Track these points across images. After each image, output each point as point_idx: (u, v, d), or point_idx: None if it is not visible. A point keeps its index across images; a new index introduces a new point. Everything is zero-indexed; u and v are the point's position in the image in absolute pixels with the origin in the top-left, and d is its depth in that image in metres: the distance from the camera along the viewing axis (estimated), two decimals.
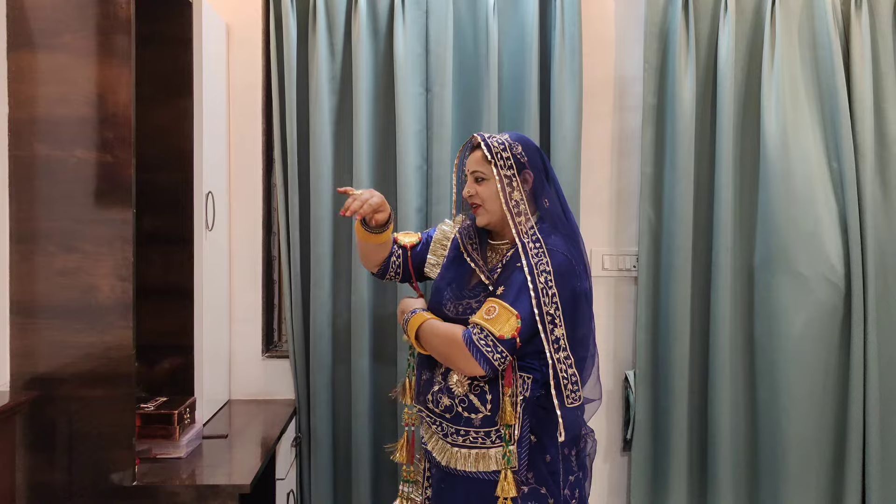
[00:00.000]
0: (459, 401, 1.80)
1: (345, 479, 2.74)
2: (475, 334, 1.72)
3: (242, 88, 2.75)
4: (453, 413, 1.81)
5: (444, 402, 1.82)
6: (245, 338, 2.79)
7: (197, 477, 2.03)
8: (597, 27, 2.77)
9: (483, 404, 1.78)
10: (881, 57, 2.65)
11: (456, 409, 1.81)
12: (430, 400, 1.86)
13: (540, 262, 1.75)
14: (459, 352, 1.73)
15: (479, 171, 1.88)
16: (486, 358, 1.70)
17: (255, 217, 2.78)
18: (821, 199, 2.61)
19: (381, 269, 2.06)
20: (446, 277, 1.95)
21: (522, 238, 1.79)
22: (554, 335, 1.74)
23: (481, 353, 1.70)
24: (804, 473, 2.62)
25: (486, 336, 1.71)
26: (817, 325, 2.61)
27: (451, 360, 1.78)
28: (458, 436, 1.81)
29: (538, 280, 1.73)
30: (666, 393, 2.70)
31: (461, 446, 1.82)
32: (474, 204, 1.90)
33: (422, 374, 1.92)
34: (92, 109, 1.89)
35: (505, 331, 1.70)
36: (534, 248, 1.78)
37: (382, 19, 2.67)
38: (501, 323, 1.71)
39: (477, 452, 1.80)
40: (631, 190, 2.81)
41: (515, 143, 1.88)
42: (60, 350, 1.91)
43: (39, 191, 1.90)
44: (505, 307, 1.73)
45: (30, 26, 1.88)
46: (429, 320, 1.86)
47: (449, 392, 1.81)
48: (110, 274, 1.89)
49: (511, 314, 1.72)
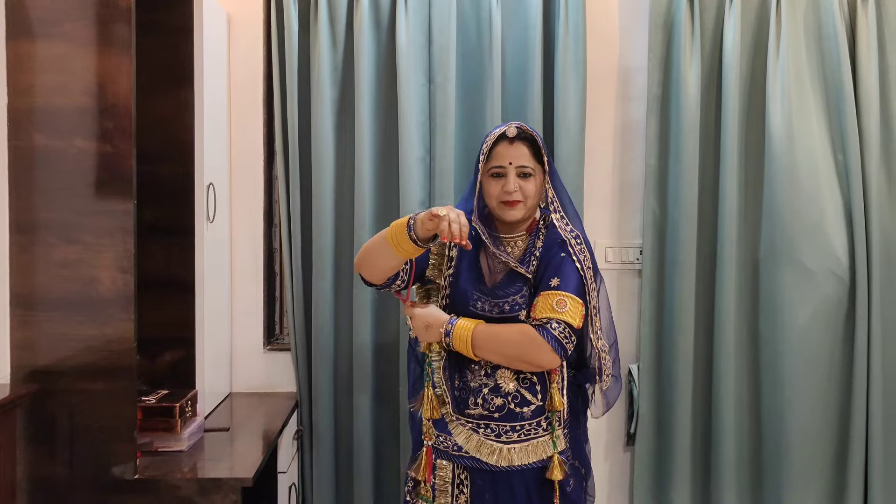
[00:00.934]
0: (512, 397, 1.84)
1: (346, 472, 2.73)
2: (554, 328, 1.75)
3: (243, 79, 2.72)
4: (504, 411, 1.84)
5: (496, 402, 1.84)
6: (246, 330, 2.77)
7: (199, 470, 2.02)
8: (601, 18, 2.75)
9: (534, 395, 1.85)
10: (888, 48, 2.63)
11: (508, 406, 1.84)
12: (480, 404, 1.85)
13: (584, 257, 1.85)
14: (539, 347, 1.75)
15: (527, 167, 1.84)
16: (564, 349, 1.76)
17: (256, 209, 2.76)
18: (826, 191, 2.60)
19: (390, 279, 1.90)
20: (469, 278, 1.89)
21: (566, 235, 1.86)
22: (596, 325, 1.86)
23: (561, 345, 1.75)
24: (808, 466, 2.62)
25: (565, 328, 1.76)
26: (822, 318, 2.59)
27: (524, 358, 1.78)
28: (512, 432, 1.84)
29: (586, 275, 1.83)
30: (670, 387, 2.68)
31: (516, 442, 1.84)
32: (515, 200, 1.83)
33: (453, 381, 1.88)
34: (92, 99, 1.87)
35: (577, 320, 1.78)
36: (576, 243, 1.85)
37: (385, 9, 2.64)
38: (573, 313, 1.78)
39: (534, 443, 1.85)
40: (634, 182, 2.79)
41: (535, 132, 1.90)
42: (61, 343, 1.89)
43: (39, 181, 1.88)
44: (573, 298, 1.78)
45: (29, 15, 1.86)
46: (481, 324, 1.81)
47: (499, 391, 1.84)
48: (111, 266, 1.87)
49: (579, 304, 1.79)
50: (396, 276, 1.90)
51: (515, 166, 1.83)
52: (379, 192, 2.68)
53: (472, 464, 1.86)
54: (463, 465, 1.88)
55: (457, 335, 1.80)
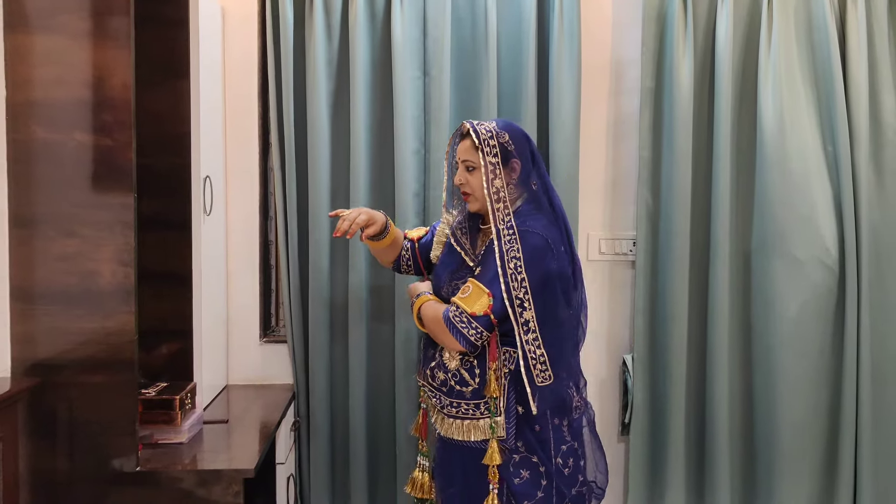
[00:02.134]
0: (452, 375, 1.93)
1: (343, 462, 2.74)
2: (451, 312, 1.85)
3: (238, 72, 2.72)
4: (448, 387, 1.94)
5: (440, 376, 1.95)
6: (242, 323, 2.78)
7: (200, 462, 2.03)
8: (594, 10, 2.76)
9: (472, 378, 1.91)
10: (876, 42, 2.66)
11: (449, 382, 1.94)
12: (430, 375, 1.99)
13: (511, 248, 1.83)
14: (442, 330, 1.87)
15: (469, 160, 1.94)
16: (462, 334, 1.83)
17: (252, 201, 2.76)
18: (816, 183, 2.63)
19: (395, 265, 2.25)
20: (443, 263, 2.06)
21: (498, 224, 1.86)
22: (523, 318, 1.83)
23: (457, 330, 1.83)
24: (799, 455, 2.66)
25: (462, 313, 1.84)
26: (812, 308, 2.63)
27: (438, 338, 1.92)
28: (451, 407, 1.94)
29: (508, 266, 1.82)
30: (664, 377, 2.71)
31: (455, 417, 1.94)
32: (465, 192, 1.96)
33: (427, 351, 2.02)
34: (90, 92, 1.87)
35: (477, 308, 1.82)
36: (507, 234, 1.85)
37: (380, 2, 2.64)
38: (473, 300, 1.83)
39: (469, 423, 1.92)
40: (627, 174, 2.81)
41: (503, 131, 1.93)
42: (61, 336, 1.90)
43: (38, 175, 1.87)
44: (478, 286, 1.85)
45: (26, 7, 1.85)
46: (427, 301, 1.99)
47: (443, 367, 1.94)
48: (111, 259, 1.87)
49: (483, 292, 1.83)
50: (399, 263, 2.22)
51: (461, 160, 1.96)
52: (374, 184, 2.69)
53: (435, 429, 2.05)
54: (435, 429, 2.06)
55: (414, 308, 2.01)
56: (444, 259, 2.06)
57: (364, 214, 2.08)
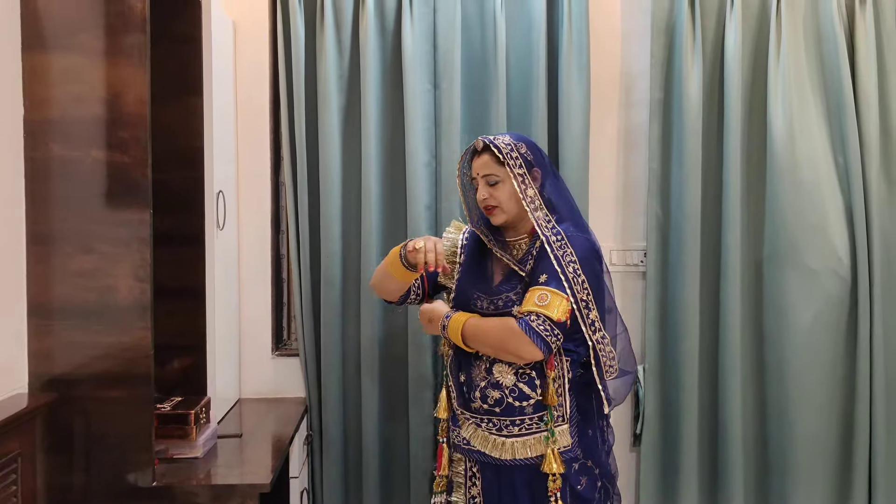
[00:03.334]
0: (510, 391, 1.90)
1: (355, 476, 2.74)
2: (533, 321, 1.81)
3: (250, 87, 2.74)
4: (504, 405, 1.90)
5: (494, 395, 1.91)
6: (255, 336, 2.79)
7: (215, 477, 2.03)
8: (603, 22, 2.78)
9: (533, 390, 1.89)
10: (886, 52, 2.67)
11: (507, 400, 1.90)
12: (479, 398, 1.93)
13: (565, 253, 1.86)
14: (518, 339, 1.81)
15: (492, 174, 1.95)
16: (544, 341, 1.80)
17: (264, 215, 2.78)
18: (827, 193, 2.63)
19: (401, 297, 2.14)
20: (469, 278, 2.02)
21: (545, 232, 1.89)
22: (590, 318, 1.87)
23: (541, 338, 1.80)
24: (813, 465, 2.65)
25: (545, 321, 1.80)
26: (825, 318, 2.62)
27: (507, 349, 1.85)
28: (513, 426, 1.91)
29: (567, 270, 1.84)
30: (675, 388, 2.71)
31: (517, 436, 1.91)
32: (490, 206, 1.96)
33: (459, 377, 1.98)
34: (107, 109, 1.88)
35: (559, 314, 1.82)
36: (556, 240, 1.88)
37: (390, 16, 2.66)
38: (555, 307, 1.82)
39: (533, 438, 1.91)
40: (637, 185, 2.82)
41: (519, 143, 1.97)
42: (78, 351, 1.90)
43: (55, 192, 1.89)
44: (556, 293, 1.83)
45: (44, 26, 1.87)
46: (472, 318, 1.93)
47: (497, 385, 1.90)
48: (128, 274, 1.88)
49: (562, 298, 1.82)
50: (408, 294, 2.13)
51: (482, 175, 1.96)
52: (386, 197, 2.70)
53: (479, 457, 1.96)
54: (473, 459, 1.98)
55: (451, 328, 1.93)
56: (467, 275, 2.04)
57: (440, 243, 1.96)
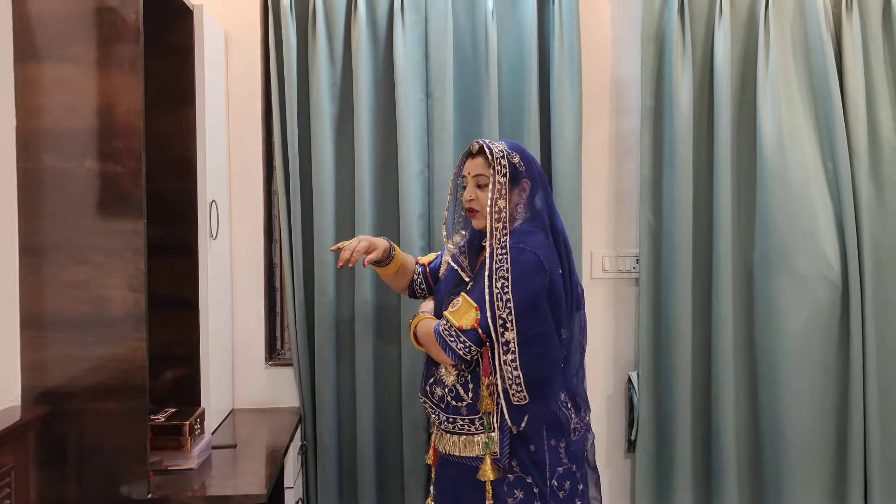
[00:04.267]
0: (448, 391, 1.94)
1: (350, 486, 2.73)
2: (442, 326, 1.89)
3: (242, 96, 2.74)
4: (445, 402, 1.95)
5: (438, 392, 1.97)
6: (248, 346, 2.78)
7: (210, 488, 2.02)
8: (594, 31, 2.79)
9: (466, 393, 1.92)
10: (872, 59, 2.70)
11: (446, 398, 1.95)
12: (429, 391, 2.00)
13: (501, 267, 1.85)
14: (432, 343, 1.90)
15: (481, 176, 1.95)
16: (450, 347, 1.85)
17: (257, 225, 2.77)
18: (817, 198, 2.65)
19: (410, 290, 2.29)
20: (444, 282, 2.08)
21: (494, 244, 1.88)
22: (504, 338, 1.83)
23: (446, 343, 1.86)
24: (807, 470, 2.66)
25: (450, 327, 1.86)
26: (816, 323, 2.64)
27: (431, 353, 1.95)
28: (448, 423, 1.96)
29: (495, 286, 1.83)
30: (669, 394, 2.72)
31: (451, 433, 1.96)
32: (473, 209, 1.97)
33: (428, 368, 2.04)
34: (100, 120, 1.88)
35: (464, 322, 1.85)
36: (500, 253, 1.86)
37: (382, 26, 2.67)
38: (462, 314, 1.86)
39: (465, 438, 1.94)
40: (629, 192, 2.83)
41: (513, 152, 1.96)
42: (72, 363, 1.89)
43: (48, 202, 1.88)
44: (466, 300, 1.87)
45: (36, 37, 1.86)
46: (423, 319, 2.01)
47: (441, 383, 1.95)
48: (122, 285, 1.87)
49: (471, 306, 1.85)
50: (413, 290, 2.26)
51: (472, 175, 1.97)
52: (379, 206, 2.70)
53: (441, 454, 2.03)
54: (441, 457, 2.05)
55: (411, 327, 2.02)
56: (446, 278, 2.09)
57: (364, 241, 2.11)
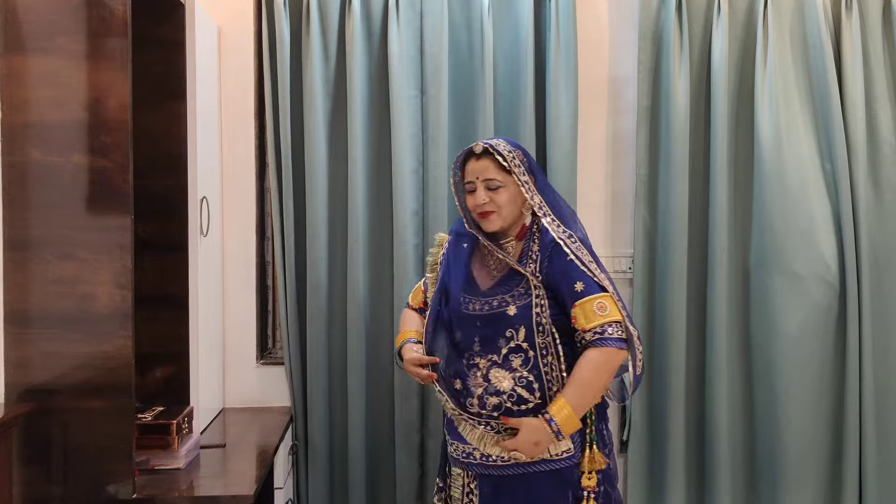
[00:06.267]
0: (508, 396, 1.85)
1: (342, 486, 2.71)
2: (615, 332, 1.83)
3: (234, 92, 2.71)
4: (502, 410, 1.86)
5: (493, 401, 1.86)
6: (239, 345, 2.75)
7: (198, 488, 1.99)
8: (590, 29, 2.77)
9: (531, 393, 1.86)
10: (871, 58, 2.68)
11: (505, 405, 1.85)
12: (476, 404, 1.88)
13: (584, 253, 1.89)
14: (612, 358, 1.83)
15: (494, 179, 1.92)
16: (625, 342, 1.85)
17: (249, 222, 2.74)
18: (815, 198, 2.63)
19: None
20: (455, 281, 1.98)
21: (561, 235, 1.90)
22: (627, 310, 1.89)
23: (623, 341, 1.84)
24: (802, 471, 2.64)
25: (618, 326, 1.84)
26: (813, 324, 2.62)
27: (613, 375, 1.87)
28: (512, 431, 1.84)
29: (591, 269, 1.87)
30: (662, 394, 2.70)
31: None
32: (487, 211, 1.93)
33: (453, 385, 1.93)
34: (87, 114, 1.85)
35: (617, 313, 1.86)
36: (570, 241, 1.89)
37: (376, 21, 2.64)
38: (613, 310, 1.85)
39: None
40: (625, 191, 2.81)
41: (516, 149, 1.97)
42: (57, 360, 1.86)
43: (34, 197, 1.85)
44: (605, 296, 1.86)
45: (22, 29, 1.83)
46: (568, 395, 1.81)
47: (495, 391, 1.86)
48: (108, 282, 1.84)
49: (609, 298, 1.86)
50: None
51: (482, 180, 1.93)
52: (372, 203, 2.68)
53: (479, 470, 1.90)
54: (472, 473, 1.92)
55: (564, 423, 1.80)
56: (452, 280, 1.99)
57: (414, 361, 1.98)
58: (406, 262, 2.60)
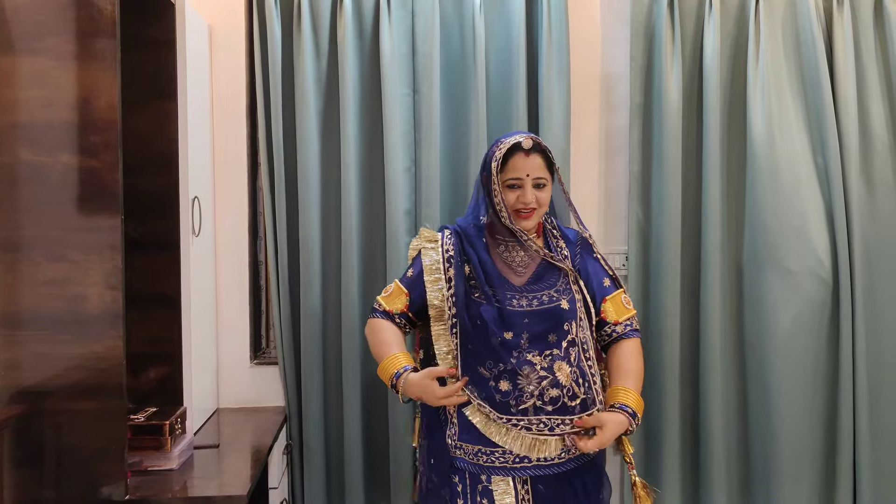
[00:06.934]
0: (566, 390, 1.84)
1: (338, 486, 2.70)
2: (635, 326, 2.01)
3: (226, 91, 2.70)
4: (559, 404, 1.83)
5: (552, 393, 1.83)
6: (232, 345, 2.74)
7: (191, 489, 1.99)
8: (583, 26, 2.76)
9: (579, 388, 1.87)
10: (863, 53, 2.68)
11: (562, 399, 1.84)
12: (536, 395, 1.81)
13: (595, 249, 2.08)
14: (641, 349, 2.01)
15: (542, 178, 1.92)
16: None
17: (241, 221, 2.73)
18: (807, 194, 2.63)
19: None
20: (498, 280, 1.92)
21: (585, 233, 2.08)
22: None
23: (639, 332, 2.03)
24: (796, 468, 2.64)
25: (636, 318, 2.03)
26: (806, 320, 2.62)
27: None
28: (563, 426, 1.83)
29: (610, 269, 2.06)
30: (656, 392, 2.69)
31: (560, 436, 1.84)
32: (531, 209, 1.90)
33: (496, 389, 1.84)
34: (77, 114, 1.84)
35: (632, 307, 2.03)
36: (592, 240, 2.08)
37: (368, 19, 2.63)
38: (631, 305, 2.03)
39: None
40: (619, 189, 2.81)
41: None
42: (48, 362, 1.85)
43: (23, 198, 1.83)
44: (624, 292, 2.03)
45: (11, 29, 1.82)
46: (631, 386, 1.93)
47: (557, 384, 1.83)
48: (99, 283, 1.83)
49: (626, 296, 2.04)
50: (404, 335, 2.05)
51: (532, 178, 1.89)
52: (365, 202, 2.67)
53: (534, 472, 1.85)
54: (522, 477, 1.85)
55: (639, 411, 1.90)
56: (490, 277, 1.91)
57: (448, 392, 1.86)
58: (399, 260, 2.59)
